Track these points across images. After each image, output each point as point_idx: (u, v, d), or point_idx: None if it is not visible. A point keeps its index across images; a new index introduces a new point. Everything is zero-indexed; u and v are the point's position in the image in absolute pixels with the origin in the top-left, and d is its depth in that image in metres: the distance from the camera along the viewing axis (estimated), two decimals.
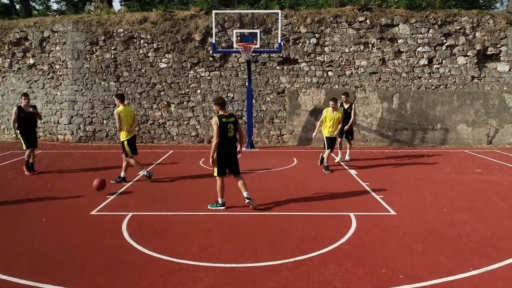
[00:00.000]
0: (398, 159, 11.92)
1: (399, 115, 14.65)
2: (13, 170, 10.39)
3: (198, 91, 15.02)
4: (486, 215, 6.71)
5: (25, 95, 10.04)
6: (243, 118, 14.90)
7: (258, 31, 13.12)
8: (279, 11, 13.51)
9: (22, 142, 9.92)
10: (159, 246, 5.42)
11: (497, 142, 14.58)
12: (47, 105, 15.82)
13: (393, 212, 6.84)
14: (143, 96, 15.10)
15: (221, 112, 6.91)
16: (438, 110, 14.59)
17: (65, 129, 15.42)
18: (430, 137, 14.63)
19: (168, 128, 15.16)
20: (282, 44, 14.25)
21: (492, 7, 20.77)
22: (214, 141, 6.80)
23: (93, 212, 6.88)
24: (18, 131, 9.84)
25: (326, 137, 10.25)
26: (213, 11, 13.73)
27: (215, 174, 7.06)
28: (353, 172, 10.08)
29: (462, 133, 14.60)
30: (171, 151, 13.44)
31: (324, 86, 14.74)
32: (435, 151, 13.42)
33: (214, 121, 6.81)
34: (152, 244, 5.46)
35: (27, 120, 9.87)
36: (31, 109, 9.94)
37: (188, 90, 15.04)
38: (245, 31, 13.50)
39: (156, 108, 15.13)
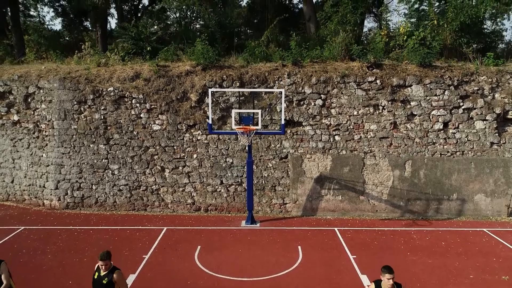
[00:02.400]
0: (409, 249, 10.83)
1: (412, 183, 13.53)
2: None
3: (195, 156, 13.90)
4: None
5: None
6: (243, 185, 13.82)
7: (259, 111, 12.02)
8: (283, 90, 12.34)
9: None
10: None
11: None
12: (32, 166, 14.70)
13: None
14: (135, 160, 13.98)
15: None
16: (454, 179, 13.47)
17: (51, 194, 14.31)
18: (445, 208, 13.51)
19: (162, 195, 14.04)
20: (286, 105, 13.23)
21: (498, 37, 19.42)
22: None
23: None
24: None
25: None
26: (210, 90, 12.53)
27: None
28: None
29: (480, 204, 13.48)
30: (165, 229, 12.32)
31: (330, 151, 13.62)
32: (451, 230, 12.26)
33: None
34: None
35: None
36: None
37: (183, 154, 13.92)
38: (245, 111, 12.44)
39: (149, 173, 14.01)
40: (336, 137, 13.63)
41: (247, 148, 12.55)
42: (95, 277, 6.44)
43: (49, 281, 9.06)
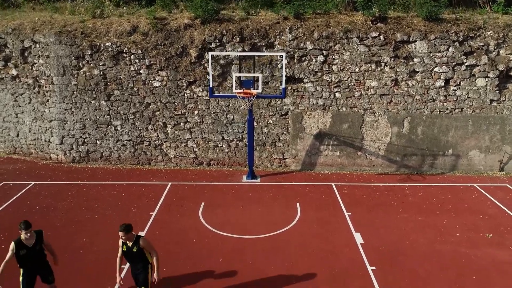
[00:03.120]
0: (401, 206, 11.44)
1: (409, 140, 13.80)
2: None
3: (196, 112, 14.02)
4: None
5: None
6: (244, 141, 14.12)
7: (259, 75, 11.86)
8: (284, 54, 12.10)
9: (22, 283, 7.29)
10: None
11: (510, 169, 13.91)
12: (35, 121, 14.88)
13: None
14: (137, 117, 14.12)
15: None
16: (451, 136, 13.72)
17: (57, 149, 14.67)
18: (440, 163, 13.93)
19: (165, 150, 14.41)
20: (287, 61, 13.08)
21: None
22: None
23: None
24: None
25: None
26: (209, 53, 12.31)
27: None
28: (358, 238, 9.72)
29: (474, 159, 13.88)
30: (169, 185, 12.87)
31: (330, 108, 13.71)
32: (443, 186, 12.80)
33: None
34: None
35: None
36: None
37: (185, 110, 14.03)
38: (245, 75, 12.30)
39: (151, 129, 14.24)
40: (337, 94, 13.65)
41: (248, 111, 12.65)
42: (124, 249, 6.94)
43: (64, 239, 9.71)
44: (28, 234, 6.91)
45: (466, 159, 13.90)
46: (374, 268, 8.54)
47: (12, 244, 6.90)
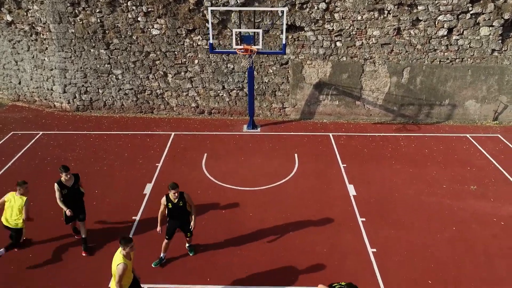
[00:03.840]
0: (394, 158, 11.99)
1: (407, 90, 13.94)
2: None
3: (196, 61, 13.96)
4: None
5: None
6: (244, 90, 14.26)
7: (260, 31, 11.60)
8: (285, 9, 11.67)
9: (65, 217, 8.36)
10: None
11: (503, 118, 14.26)
12: (36, 69, 14.89)
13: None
14: (137, 66, 14.10)
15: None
16: (449, 86, 13.83)
17: (60, 97, 14.88)
18: (436, 112, 14.23)
19: (167, 99, 14.62)
20: (288, 9, 12.75)
21: None
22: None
23: None
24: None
25: None
26: (209, 8, 11.89)
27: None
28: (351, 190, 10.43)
29: (470, 109, 14.15)
30: (173, 135, 13.33)
31: (331, 58, 13.64)
32: (436, 136, 13.27)
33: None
34: None
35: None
36: None
37: (185, 60, 13.96)
38: (245, 30, 11.98)
39: (152, 78, 14.31)
40: (338, 43, 13.50)
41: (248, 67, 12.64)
42: (170, 206, 7.60)
43: None
44: (68, 176, 7.99)
45: (462, 109, 14.19)
46: (364, 219, 9.34)
47: (56, 185, 7.98)
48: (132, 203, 9.89)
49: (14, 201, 7.97)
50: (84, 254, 8.25)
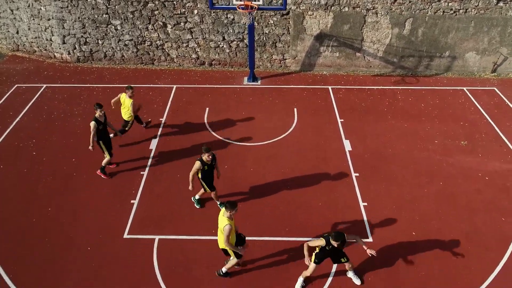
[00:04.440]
0: (391, 112, 12.30)
1: (409, 41, 13.83)
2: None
3: (195, 12, 13.68)
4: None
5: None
6: (245, 41, 14.15)
7: None
8: None
9: (105, 150, 9.69)
10: None
11: (502, 70, 14.32)
12: (33, 19, 14.61)
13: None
14: (136, 16, 13.84)
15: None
16: (450, 37, 13.70)
17: (60, 48, 14.78)
18: (435, 64, 14.25)
19: (167, 50, 14.53)
20: None
21: None
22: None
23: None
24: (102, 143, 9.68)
25: None
26: None
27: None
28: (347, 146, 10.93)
29: (469, 61, 14.15)
30: (174, 88, 13.52)
31: (332, 8, 13.35)
32: (433, 89, 13.47)
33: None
34: None
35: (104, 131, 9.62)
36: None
37: (184, 10, 13.66)
38: None
39: (151, 29, 14.11)
40: None
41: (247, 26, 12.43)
42: (206, 168, 8.21)
43: (87, 147, 10.82)
44: (102, 112, 9.33)
45: (461, 61, 14.21)
46: (357, 174, 9.98)
47: (94, 122, 9.19)
48: (139, 158, 10.48)
49: (124, 100, 10.42)
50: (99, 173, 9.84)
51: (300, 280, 7.37)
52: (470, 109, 12.52)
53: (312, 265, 7.03)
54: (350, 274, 7.55)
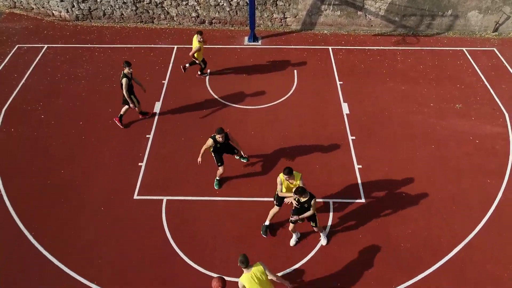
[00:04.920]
0: (389, 74, 12.46)
1: (411, 0, 13.60)
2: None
3: None
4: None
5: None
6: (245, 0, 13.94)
7: None
8: None
9: (135, 102, 10.43)
10: None
11: (503, 30, 14.22)
12: None
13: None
14: None
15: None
16: None
17: (58, 6, 14.55)
18: (437, 23, 14.12)
19: (166, 8, 14.32)
20: None
21: None
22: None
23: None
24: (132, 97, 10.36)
25: None
26: None
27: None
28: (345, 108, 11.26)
29: (471, 20, 14.01)
30: (175, 48, 13.54)
31: None
32: (433, 50, 13.52)
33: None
34: None
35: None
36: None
37: None
38: None
39: None
40: None
41: None
42: (218, 146, 8.52)
43: (92, 109, 11.22)
44: (131, 70, 9.94)
45: (463, 20, 14.08)
46: (354, 138, 10.41)
47: (125, 79, 9.83)
48: (144, 121, 10.86)
49: (193, 42, 11.57)
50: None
51: (294, 236, 8.13)
52: (467, 71, 12.68)
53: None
54: (321, 236, 8.25)
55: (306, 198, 7.08)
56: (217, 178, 9.16)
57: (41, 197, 8.93)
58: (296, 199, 7.18)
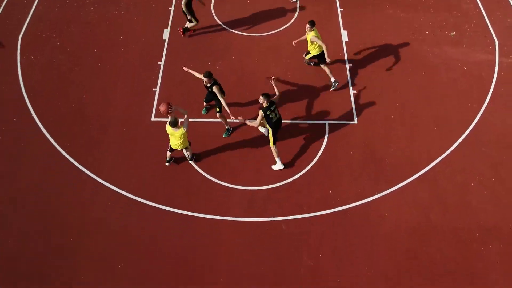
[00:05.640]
0: (389, 1, 12.72)
1: None
2: None
3: None
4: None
5: None
6: None
7: None
8: None
9: (194, 20, 11.48)
10: None
11: None
12: None
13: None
14: None
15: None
16: None
17: None
18: None
19: None
20: None
21: None
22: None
23: None
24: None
25: None
26: None
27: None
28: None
29: None
30: None
31: None
32: None
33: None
34: None
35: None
36: None
37: None
38: None
39: None
40: None
41: None
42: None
43: (103, 36, 11.79)
44: None
45: None
46: (350, 65, 11.18)
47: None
48: (155, 48, 11.50)
49: None
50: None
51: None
52: None
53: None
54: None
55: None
56: (226, 127, 9.88)
57: (68, 119, 10.00)
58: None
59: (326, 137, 9.75)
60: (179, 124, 8.47)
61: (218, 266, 7.94)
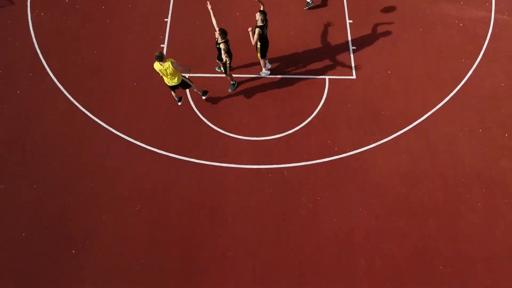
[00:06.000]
0: None
1: None
2: None
3: None
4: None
5: None
6: None
7: None
8: None
9: None
10: None
11: None
12: None
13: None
14: None
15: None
16: None
17: None
18: None
19: None
20: None
21: None
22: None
23: None
24: None
25: None
26: None
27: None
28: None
29: None
30: None
31: None
32: None
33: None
34: None
35: None
36: None
37: None
38: None
39: None
40: None
41: None
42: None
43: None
44: None
45: None
46: (351, 21, 11.52)
47: None
48: (161, 5, 11.76)
49: None
50: None
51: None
52: None
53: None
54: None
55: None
56: (232, 82, 10.42)
57: (81, 74, 10.54)
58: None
59: (325, 91, 10.33)
60: (165, 58, 8.74)
61: (226, 207, 8.84)
